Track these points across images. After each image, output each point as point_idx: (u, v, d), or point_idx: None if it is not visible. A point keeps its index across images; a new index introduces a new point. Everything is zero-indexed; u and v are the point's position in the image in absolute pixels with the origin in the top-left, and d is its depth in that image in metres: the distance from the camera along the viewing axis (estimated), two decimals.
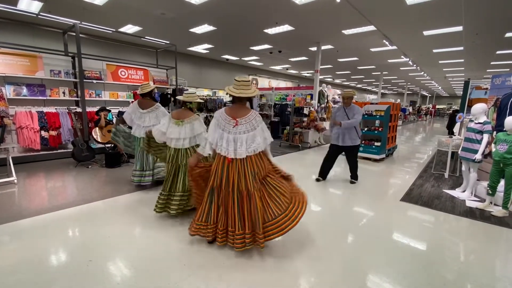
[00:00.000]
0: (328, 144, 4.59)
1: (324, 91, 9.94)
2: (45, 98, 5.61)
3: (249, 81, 2.23)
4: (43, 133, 5.34)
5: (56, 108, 5.58)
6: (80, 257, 2.17)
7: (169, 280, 1.93)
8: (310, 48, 11.59)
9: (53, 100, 5.73)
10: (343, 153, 4.44)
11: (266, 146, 2.27)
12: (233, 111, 2.23)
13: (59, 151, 5.64)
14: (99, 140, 5.38)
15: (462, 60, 13.23)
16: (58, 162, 5.35)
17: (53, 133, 5.45)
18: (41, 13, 5.71)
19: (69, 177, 4.40)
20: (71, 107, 5.74)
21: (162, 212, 2.92)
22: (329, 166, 4.47)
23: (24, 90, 5.34)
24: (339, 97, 11.87)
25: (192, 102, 2.90)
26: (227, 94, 2.26)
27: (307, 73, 20.27)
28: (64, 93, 5.83)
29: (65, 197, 3.54)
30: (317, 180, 4.51)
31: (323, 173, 4.51)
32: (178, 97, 2.93)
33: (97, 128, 5.40)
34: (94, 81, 6.19)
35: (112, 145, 5.58)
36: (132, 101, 7.00)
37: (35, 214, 2.94)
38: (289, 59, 14.67)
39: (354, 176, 4.47)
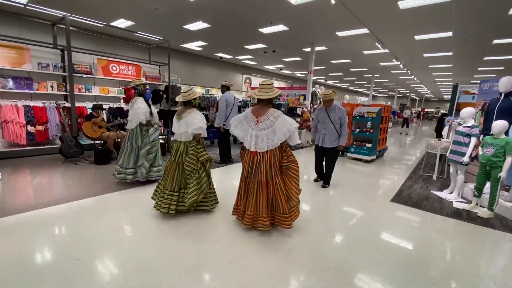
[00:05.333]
0: None
1: (317, 92, 10.02)
2: (32, 91, 5.44)
3: (270, 84, 2.54)
4: (29, 127, 5.18)
5: (43, 102, 5.42)
6: (67, 256, 2.11)
7: (160, 279, 1.89)
8: (304, 49, 11.65)
9: (40, 93, 5.57)
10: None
11: (291, 135, 2.45)
12: (256, 110, 2.55)
13: (46, 146, 5.48)
14: (88, 134, 5.25)
15: (451, 65, 13.58)
16: (45, 158, 5.19)
17: (40, 128, 5.29)
18: (29, 4, 5.51)
19: (57, 174, 4.28)
20: (59, 102, 5.58)
21: (160, 209, 2.89)
22: (321, 166, 4.43)
23: (10, 83, 5.16)
24: None
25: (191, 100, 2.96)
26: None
27: (300, 73, 20.38)
28: (52, 87, 5.67)
29: (52, 194, 3.43)
30: (316, 180, 4.55)
31: (319, 174, 4.54)
32: (177, 98, 3.03)
33: (87, 122, 5.28)
34: (84, 76, 6.04)
35: (102, 142, 5.47)
36: (124, 97, 6.88)
37: (20, 211, 2.85)
38: (283, 59, 14.71)
39: (326, 181, 4.29)
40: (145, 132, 3.80)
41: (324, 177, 4.34)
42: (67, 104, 5.65)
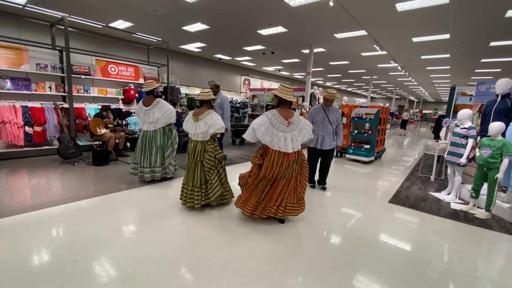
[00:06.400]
0: None
1: (315, 94, 10.05)
2: (30, 92, 5.42)
3: (291, 88, 2.76)
4: (27, 128, 5.16)
5: (41, 103, 5.41)
6: (65, 257, 2.11)
7: (158, 280, 1.89)
8: (302, 51, 11.69)
9: (38, 94, 5.55)
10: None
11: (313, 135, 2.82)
12: (284, 113, 2.69)
13: (44, 147, 5.46)
14: (92, 131, 5.27)
15: (448, 67, 13.66)
16: (43, 159, 5.17)
17: (38, 129, 5.27)
18: (28, 5, 5.50)
19: (55, 175, 4.26)
20: (57, 103, 5.57)
21: (186, 204, 3.15)
22: (315, 169, 4.24)
23: (8, 84, 5.15)
24: None
25: (210, 100, 3.16)
26: (275, 96, 2.75)
27: (299, 75, 20.44)
28: (50, 87, 5.66)
29: (50, 195, 3.42)
30: (312, 187, 4.28)
31: (312, 177, 4.29)
32: (195, 97, 3.21)
33: (96, 118, 5.31)
34: (83, 77, 6.03)
35: (100, 142, 5.45)
36: (122, 98, 6.88)
37: (17, 213, 2.84)
38: (282, 61, 14.75)
39: (323, 181, 4.25)
40: (169, 132, 3.96)
41: (320, 178, 4.27)
42: (65, 105, 5.64)
